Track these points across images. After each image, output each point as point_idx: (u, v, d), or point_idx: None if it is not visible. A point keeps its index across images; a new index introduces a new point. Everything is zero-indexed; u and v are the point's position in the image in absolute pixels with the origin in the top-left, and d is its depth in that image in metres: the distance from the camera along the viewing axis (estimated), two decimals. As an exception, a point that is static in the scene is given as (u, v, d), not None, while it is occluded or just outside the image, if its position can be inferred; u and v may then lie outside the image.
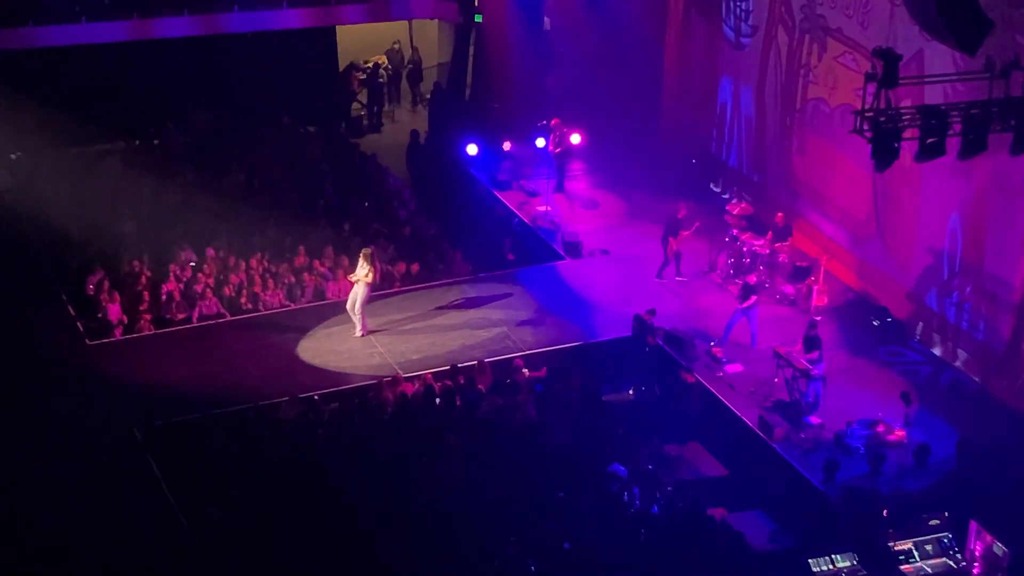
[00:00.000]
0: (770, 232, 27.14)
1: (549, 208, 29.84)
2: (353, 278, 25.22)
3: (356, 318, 25.41)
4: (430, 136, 33.25)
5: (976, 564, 19.99)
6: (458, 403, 23.32)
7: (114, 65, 31.17)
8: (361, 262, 25.12)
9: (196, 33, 31.67)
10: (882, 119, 18.02)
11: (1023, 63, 19.16)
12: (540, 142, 30.49)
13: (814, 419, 22.89)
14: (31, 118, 29.16)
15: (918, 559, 20.11)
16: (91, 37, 30.75)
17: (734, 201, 28.30)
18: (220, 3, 31.60)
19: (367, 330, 25.47)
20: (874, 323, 25.40)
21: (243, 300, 26.35)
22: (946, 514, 20.45)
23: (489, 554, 19.97)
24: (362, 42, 35.45)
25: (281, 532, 20.28)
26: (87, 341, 25.12)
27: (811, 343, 23.31)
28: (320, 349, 25.26)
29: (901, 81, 18.12)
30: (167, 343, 25.29)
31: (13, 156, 30.08)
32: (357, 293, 25.23)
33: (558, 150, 30.41)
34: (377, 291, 25.67)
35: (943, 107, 18.50)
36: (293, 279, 26.89)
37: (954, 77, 21.12)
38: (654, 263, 27.42)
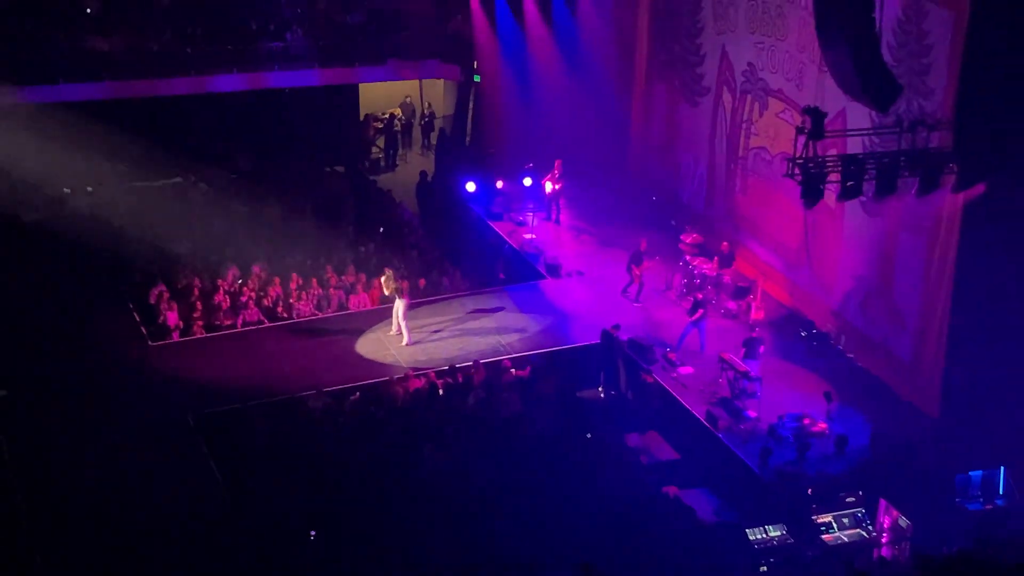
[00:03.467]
0: (716, 258, 27.22)
1: (534, 236, 29.91)
2: (386, 292, 25.41)
3: (403, 329, 25.42)
4: (436, 175, 33.31)
5: (884, 534, 20.06)
6: (455, 397, 23.39)
7: (174, 113, 31.24)
8: (386, 282, 25.33)
9: (243, 88, 31.73)
10: (810, 166, 18.13)
11: (927, 120, 19.32)
12: (527, 181, 30.56)
13: (751, 413, 22.93)
14: (106, 157, 29.23)
15: (836, 530, 20.14)
16: (156, 90, 30.83)
17: (687, 231, 28.35)
18: (264, 62, 31.70)
19: (411, 341, 25.43)
20: (802, 334, 25.44)
21: (280, 309, 26.38)
22: (860, 493, 20.52)
23: (478, 522, 20.07)
24: (380, 96, 35.53)
25: (306, 500, 20.38)
26: (149, 343, 25.14)
27: (750, 344, 23.53)
28: (344, 350, 25.28)
29: (827, 134, 18.24)
30: (216, 345, 25.30)
31: (89, 189, 30.11)
32: (397, 307, 25.34)
33: (557, 186, 30.41)
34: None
35: (861, 156, 18.61)
36: (321, 292, 26.93)
37: (870, 131, 21.22)
38: (621, 282, 27.48)
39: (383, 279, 25.66)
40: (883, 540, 20.01)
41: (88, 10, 30.65)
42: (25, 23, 29.94)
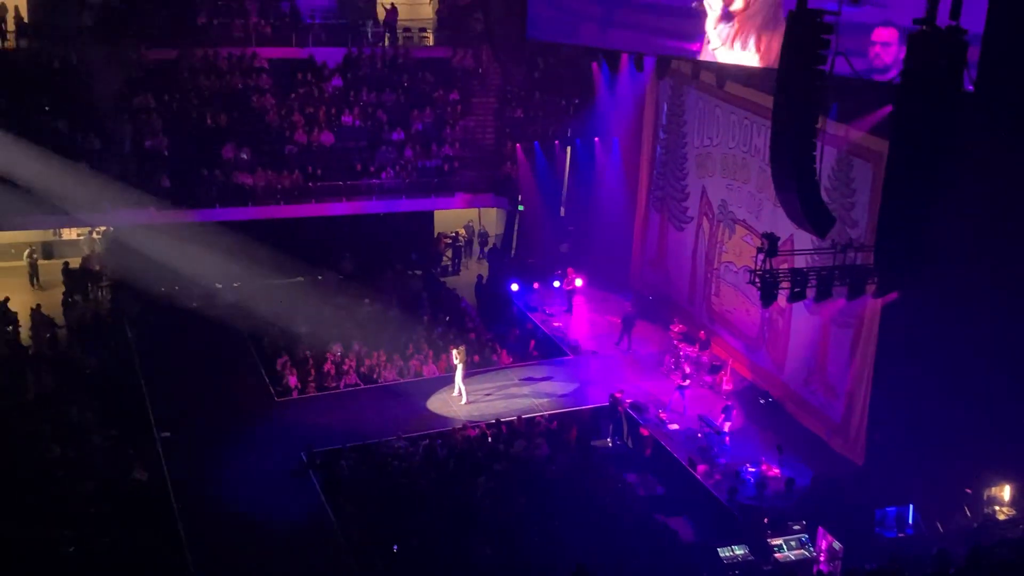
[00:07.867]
0: (697, 343, 27.24)
1: (560, 324, 30.01)
2: (455, 361, 25.41)
3: (462, 391, 25.39)
4: (489, 278, 33.48)
5: (822, 554, 19.87)
6: (501, 442, 23.40)
7: (299, 230, 31.69)
8: (458, 355, 25.40)
9: (350, 212, 32.13)
10: (767, 276, 18.25)
11: (854, 244, 19.43)
12: (556, 283, 30.76)
13: (722, 460, 22.83)
14: (248, 261, 29.64)
15: (786, 550, 20.03)
16: (286, 213, 31.35)
17: (675, 323, 28.38)
18: (365, 194, 32.21)
19: (468, 401, 25.37)
20: (760, 401, 25.37)
21: (373, 375, 26.53)
22: (804, 522, 20.37)
23: (515, 534, 20.00)
24: (449, 220, 35.91)
25: (390, 517, 20.37)
26: (275, 399, 25.33)
27: (727, 410, 23.47)
28: (418, 406, 25.34)
29: (779, 253, 18.39)
30: (324, 401, 25.42)
31: (235, 284, 30.46)
32: (458, 374, 25.39)
33: (568, 288, 30.63)
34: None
35: (805, 270, 18.72)
36: (402, 363, 27.06)
37: (812, 251, 21.31)
38: (626, 360, 27.47)
39: (456, 352, 25.70)
40: (821, 559, 19.82)
41: (243, 156, 31.32)
42: (195, 167, 30.65)
